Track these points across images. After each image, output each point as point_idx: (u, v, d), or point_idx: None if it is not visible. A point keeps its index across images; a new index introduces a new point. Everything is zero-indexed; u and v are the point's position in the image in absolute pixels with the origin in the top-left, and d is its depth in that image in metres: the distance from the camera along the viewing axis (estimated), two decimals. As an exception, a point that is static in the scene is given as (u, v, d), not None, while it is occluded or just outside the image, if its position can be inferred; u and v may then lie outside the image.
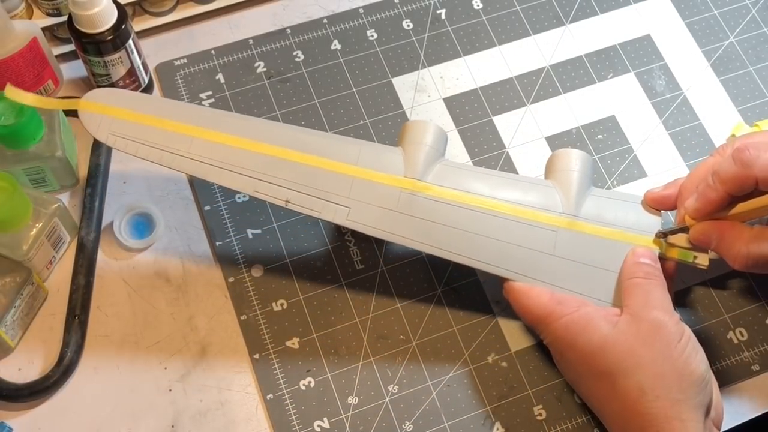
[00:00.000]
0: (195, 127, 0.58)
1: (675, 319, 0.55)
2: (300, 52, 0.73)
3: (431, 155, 0.60)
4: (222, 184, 0.58)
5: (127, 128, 0.58)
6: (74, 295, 0.62)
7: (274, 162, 0.58)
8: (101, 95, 0.59)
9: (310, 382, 0.61)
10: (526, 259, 0.58)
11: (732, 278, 0.65)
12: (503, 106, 0.72)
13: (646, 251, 0.58)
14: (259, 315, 0.63)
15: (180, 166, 0.58)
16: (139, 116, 0.58)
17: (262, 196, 0.58)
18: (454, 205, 0.58)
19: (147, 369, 0.61)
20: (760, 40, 0.75)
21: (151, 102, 0.60)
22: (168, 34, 0.74)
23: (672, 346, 0.53)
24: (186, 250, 0.65)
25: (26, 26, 0.66)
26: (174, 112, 0.59)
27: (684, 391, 0.52)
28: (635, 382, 0.53)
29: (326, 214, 0.58)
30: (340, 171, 0.58)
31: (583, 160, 0.61)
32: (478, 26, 0.75)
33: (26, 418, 0.59)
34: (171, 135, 0.58)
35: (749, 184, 0.53)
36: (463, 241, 0.58)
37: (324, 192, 0.58)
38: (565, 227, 0.59)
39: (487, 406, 0.60)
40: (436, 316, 0.63)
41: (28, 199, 0.60)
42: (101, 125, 0.58)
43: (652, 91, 0.73)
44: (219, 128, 0.59)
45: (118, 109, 0.58)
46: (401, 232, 0.58)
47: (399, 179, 0.59)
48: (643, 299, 0.55)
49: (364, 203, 0.58)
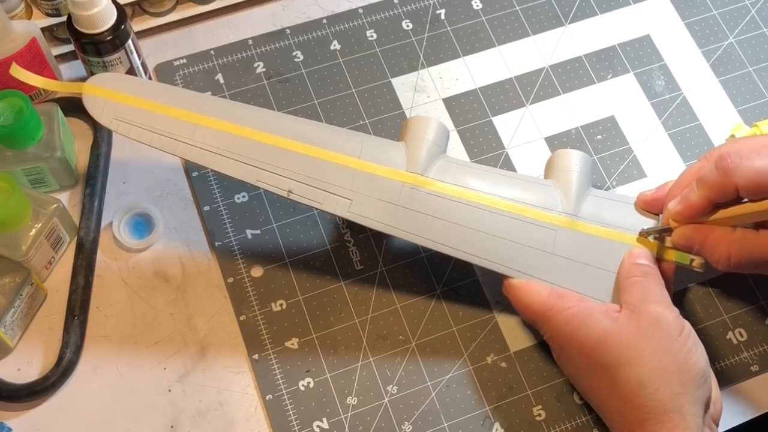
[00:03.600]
0: (199, 114, 0.58)
1: (675, 314, 0.55)
2: (299, 53, 0.73)
3: (433, 150, 0.60)
4: (224, 172, 0.57)
5: (131, 113, 0.58)
6: (73, 295, 0.62)
7: (278, 152, 0.58)
8: (107, 79, 0.59)
9: (309, 383, 0.61)
10: (525, 256, 0.58)
11: (731, 279, 0.65)
12: (503, 106, 0.72)
13: (642, 252, 0.58)
14: (258, 315, 0.63)
15: (183, 153, 0.58)
16: (143, 102, 0.58)
17: (264, 186, 0.57)
18: (456, 200, 0.58)
19: (146, 369, 0.61)
20: (760, 40, 0.75)
21: (156, 88, 0.60)
22: (167, 35, 0.74)
23: (672, 340, 0.53)
24: (185, 250, 0.65)
25: (25, 26, 0.66)
26: (179, 99, 0.59)
27: (684, 385, 0.52)
28: (635, 374, 0.53)
29: (328, 205, 0.58)
30: (342, 163, 0.58)
31: (582, 161, 0.61)
32: (477, 26, 0.75)
33: (25, 418, 0.59)
34: (175, 122, 0.58)
35: (730, 192, 0.53)
36: (463, 237, 0.58)
37: (326, 183, 0.58)
38: (564, 226, 0.59)
39: (486, 407, 0.60)
40: (436, 317, 0.63)
41: (27, 200, 0.60)
42: (105, 110, 0.58)
43: (651, 92, 0.73)
44: (223, 116, 0.58)
45: (122, 95, 0.58)
46: (402, 225, 0.58)
47: (401, 173, 0.59)
48: (642, 294, 0.55)
49: (366, 196, 0.58)
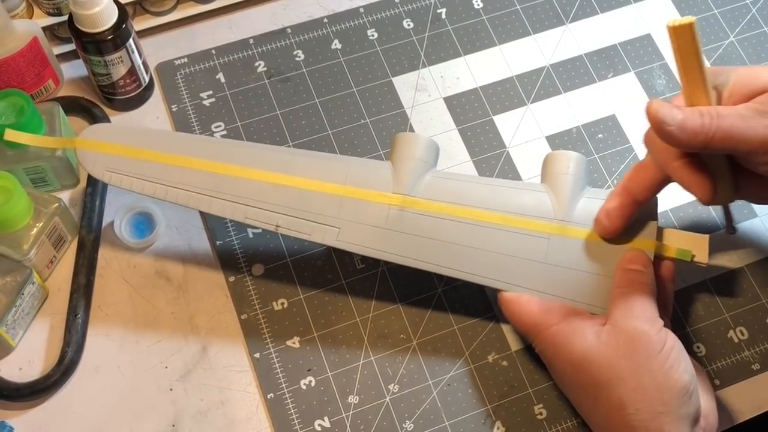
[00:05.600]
0: (185, 157, 0.59)
1: (657, 328, 0.53)
2: (300, 52, 0.73)
3: (420, 168, 0.59)
4: (214, 212, 0.58)
5: (121, 164, 0.59)
6: (75, 294, 0.62)
7: (263, 187, 0.58)
8: (97, 131, 0.60)
9: (310, 381, 0.61)
10: (518, 268, 0.58)
11: (732, 277, 0.65)
12: (503, 105, 0.72)
13: (636, 256, 0.57)
14: (259, 314, 0.63)
15: (173, 198, 0.58)
16: (132, 150, 0.59)
17: (253, 222, 0.58)
18: (444, 218, 0.58)
19: (148, 368, 0.61)
20: (761, 39, 0.75)
21: (145, 134, 0.61)
22: (168, 34, 0.74)
23: (652, 358, 0.52)
24: (187, 249, 0.65)
25: (27, 26, 0.66)
26: (166, 143, 0.60)
27: (666, 404, 0.51)
28: (616, 395, 0.52)
29: (316, 236, 0.58)
30: (328, 191, 0.58)
31: (577, 163, 0.60)
32: (478, 25, 0.75)
33: (27, 417, 0.59)
34: (163, 167, 0.59)
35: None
36: (453, 255, 0.57)
37: (313, 214, 0.58)
38: (557, 233, 0.58)
39: (487, 405, 0.60)
40: (437, 316, 0.63)
41: (28, 199, 0.60)
42: (97, 163, 0.59)
43: (652, 91, 0.73)
44: (210, 156, 0.59)
45: (112, 145, 0.59)
46: (391, 249, 0.57)
47: (388, 196, 0.58)
48: (624, 309, 0.54)
49: (354, 222, 0.58)
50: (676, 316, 0.63)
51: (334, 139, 0.69)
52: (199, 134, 0.69)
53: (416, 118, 0.71)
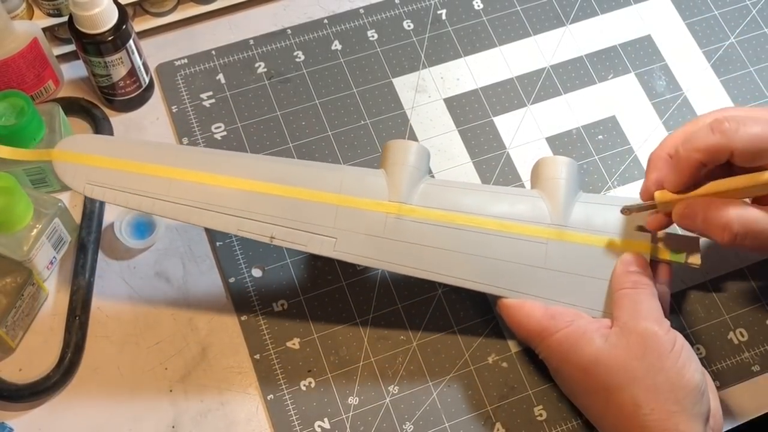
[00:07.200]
0: (173, 168, 0.56)
1: (665, 328, 0.54)
2: (300, 53, 0.73)
3: (414, 176, 0.59)
4: (205, 225, 0.56)
5: (104, 176, 0.56)
6: (75, 295, 0.62)
7: (256, 197, 0.57)
8: (76, 142, 0.57)
9: (310, 383, 0.61)
10: (517, 274, 0.57)
11: (732, 279, 0.65)
12: (504, 106, 0.72)
13: (634, 258, 0.57)
14: (259, 315, 0.63)
15: (160, 211, 0.56)
16: (115, 162, 0.56)
17: (246, 234, 0.56)
18: (442, 225, 0.57)
19: (147, 369, 0.61)
20: (761, 40, 0.75)
21: (128, 145, 0.58)
22: (168, 35, 0.74)
23: (664, 357, 0.52)
24: (186, 250, 0.65)
25: (27, 27, 0.66)
26: (152, 154, 0.57)
27: (679, 402, 0.51)
28: (629, 396, 0.52)
29: (312, 246, 0.56)
30: (323, 201, 0.57)
31: (569, 167, 0.60)
32: (478, 27, 0.75)
33: (27, 418, 0.59)
34: (149, 179, 0.56)
35: (723, 155, 0.51)
36: (452, 262, 0.57)
37: (309, 224, 0.57)
38: (554, 238, 0.58)
39: (487, 407, 0.60)
40: (437, 317, 0.63)
41: (28, 200, 0.60)
42: (76, 175, 0.56)
43: (652, 92, 0.73)
44: (198, 167, 0.57)
45: (93, 157, 0.56)
46: (390, 258, 0.57)
47: (384, 204, 0.58)
48: (632, 310, 0.54)
49: (351, 232, 0.57)
50: (676, 317, 0.63)
51: (334, 140, 0.69)
52: (198, 135, 0.69)
53: (416, 119, 0.71)
